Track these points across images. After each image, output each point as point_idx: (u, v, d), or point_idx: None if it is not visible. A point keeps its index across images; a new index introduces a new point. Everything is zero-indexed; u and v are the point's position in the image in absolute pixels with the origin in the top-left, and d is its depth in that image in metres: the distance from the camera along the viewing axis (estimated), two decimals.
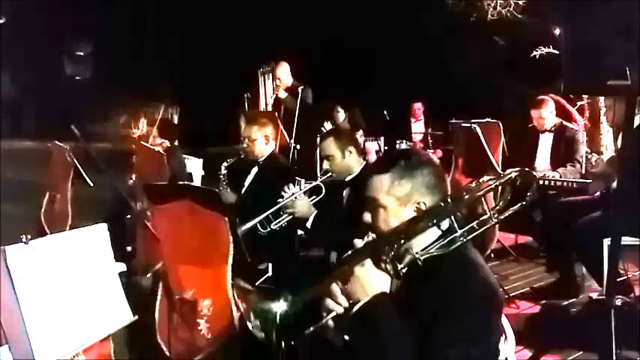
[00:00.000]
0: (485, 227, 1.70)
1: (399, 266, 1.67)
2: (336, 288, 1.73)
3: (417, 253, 1.67)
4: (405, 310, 1.65)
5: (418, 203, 1.77)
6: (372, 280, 1.69)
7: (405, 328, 1.63)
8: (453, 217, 1.72)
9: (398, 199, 1.78)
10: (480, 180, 1.74)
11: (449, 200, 1.71)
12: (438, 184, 1.80)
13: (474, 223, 1.70)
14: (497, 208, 1.69)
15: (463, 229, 1.70)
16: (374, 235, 1.81)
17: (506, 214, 1.69)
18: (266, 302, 1.75)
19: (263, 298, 1.81)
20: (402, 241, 1.70)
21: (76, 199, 4.68)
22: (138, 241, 3.79)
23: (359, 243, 1.80)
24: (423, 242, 1.72)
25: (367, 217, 1.85)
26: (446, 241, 1.69)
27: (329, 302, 1.73)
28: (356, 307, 1.68)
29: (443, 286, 1.64)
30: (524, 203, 1.69)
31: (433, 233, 1.75)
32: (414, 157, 1.85)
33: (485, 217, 1.70)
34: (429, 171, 1.81)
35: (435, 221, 1.71)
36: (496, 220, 1.69)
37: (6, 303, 1.88)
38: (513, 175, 1.71)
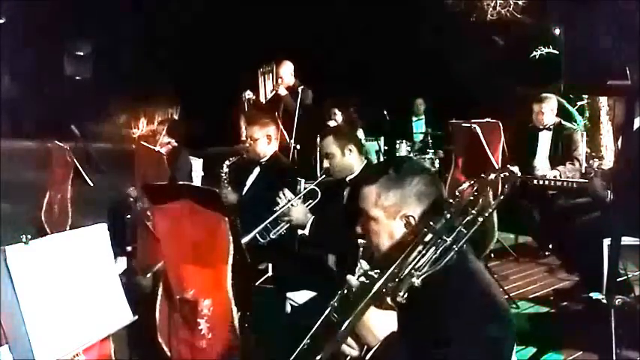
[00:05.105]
0: (474, 228, 1.64)
1: (400, 295, 1.58)
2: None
3: (412, 275, 1.57)
4: (416, 340, 1.58)
5: (407, 217, 1.71)
6: (378, 324, 1.61)
7: None
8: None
9: (386, 211, 1.73)
10: (460, 188, 1.70)
11: (431, 224, 1.62)
12: (430, 194, 1.73)
13: (461, 227, 1.63)
14: (477, 207, 1.64)
15: (451, 236, 1.61)
16: (366, 268, 1.73)
17: (490, 211, 1.64)
18: None
19: None
20: (401, 274, 1.60)
21: (76, 199, 4.68)
22: (138, 241, 3.79)
23: (353, 280, 1.71)
24: (419, 262, 1.62)
25: (359, 229, 1.81)
26: (438, 253, 1.61)
27: (344, 347, 1.66)
28: (368, 356, 1.61)
29: (446, 306, 1.58)
30: (502, 197, 1.67)
31: (430, 252, 1.63)
32: (405, 165, 1.79)
33: (469, 218, 1.64)
34: (419, 180, 1.74)
35: (426, 248, 1.62)
36: (482, 220, 1.64)
37: (6, 303, 1.88)
38: (493, 176, 1.69)
